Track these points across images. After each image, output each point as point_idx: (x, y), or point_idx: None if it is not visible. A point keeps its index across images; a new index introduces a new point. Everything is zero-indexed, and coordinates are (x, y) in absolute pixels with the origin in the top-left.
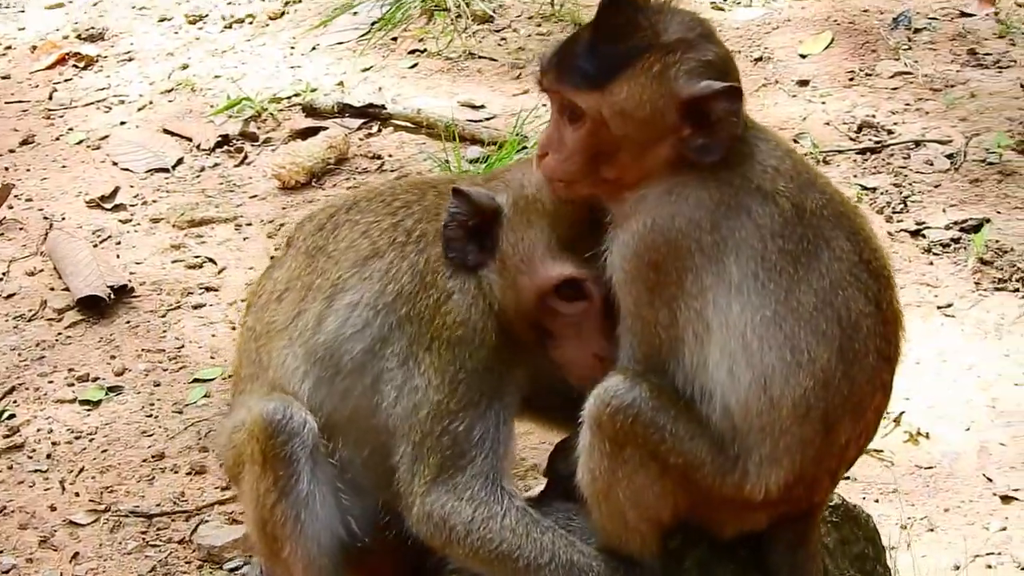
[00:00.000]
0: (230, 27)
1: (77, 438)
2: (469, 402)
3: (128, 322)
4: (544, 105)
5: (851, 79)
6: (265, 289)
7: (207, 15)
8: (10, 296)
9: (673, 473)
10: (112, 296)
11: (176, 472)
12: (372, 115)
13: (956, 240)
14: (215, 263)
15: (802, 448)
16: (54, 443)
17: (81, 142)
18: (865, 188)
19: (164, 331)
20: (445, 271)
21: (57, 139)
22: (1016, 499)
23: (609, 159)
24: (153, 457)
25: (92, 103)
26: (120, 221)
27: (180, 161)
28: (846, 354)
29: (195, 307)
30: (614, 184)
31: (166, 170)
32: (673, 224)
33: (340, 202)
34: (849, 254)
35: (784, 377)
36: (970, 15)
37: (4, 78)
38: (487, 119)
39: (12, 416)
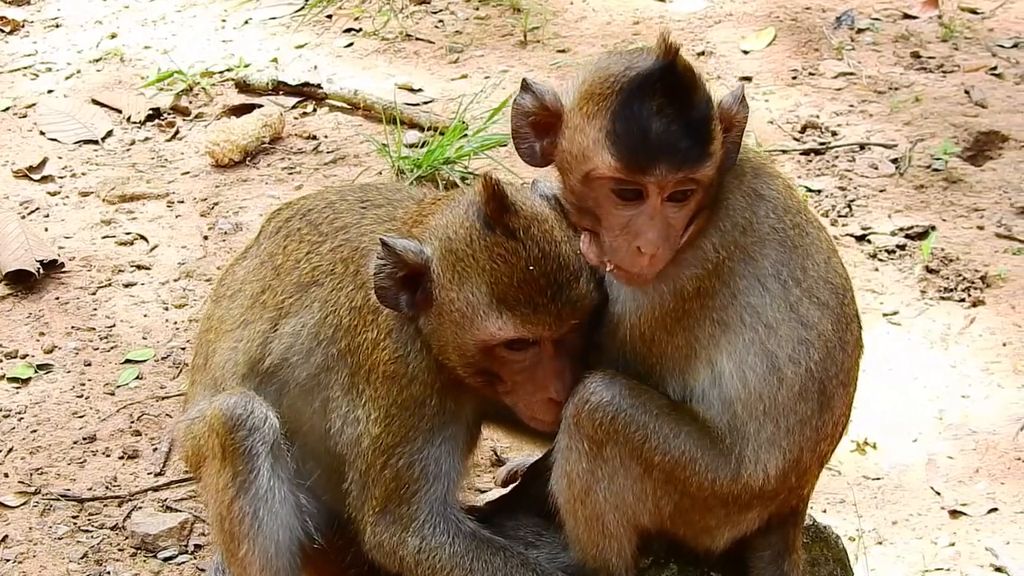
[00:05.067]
0: None
1: (6, 416)
2: (406, 437)
3: (58, 298)
4: (481, 91)
5: (794, 77)
6: (227, 282)
7: None
8: None
9: (657, 473)
10: (41, 271)
11: (108, 456)
12: (307, 94)
13: (902, 247)
14: (146, 240)
15: (800, 428)
16: None
17: (7, 109)
18: (810, 190)
19: (95, 309)
20: (383, 309)
21: None
22: (964, 514)
23: (697, 217)
24: (84, 439)
25: (18, 69)
26: (48, 193)
27: (110, 133)
28: (840, 321)
29: (126, 285)
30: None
31: (95, 142)
32: (723, 241)
33: (301, 203)
34: (817, 221)
35: (794, 354)
36: (913, 17)
37: None
38: (425, 103)
39: None
